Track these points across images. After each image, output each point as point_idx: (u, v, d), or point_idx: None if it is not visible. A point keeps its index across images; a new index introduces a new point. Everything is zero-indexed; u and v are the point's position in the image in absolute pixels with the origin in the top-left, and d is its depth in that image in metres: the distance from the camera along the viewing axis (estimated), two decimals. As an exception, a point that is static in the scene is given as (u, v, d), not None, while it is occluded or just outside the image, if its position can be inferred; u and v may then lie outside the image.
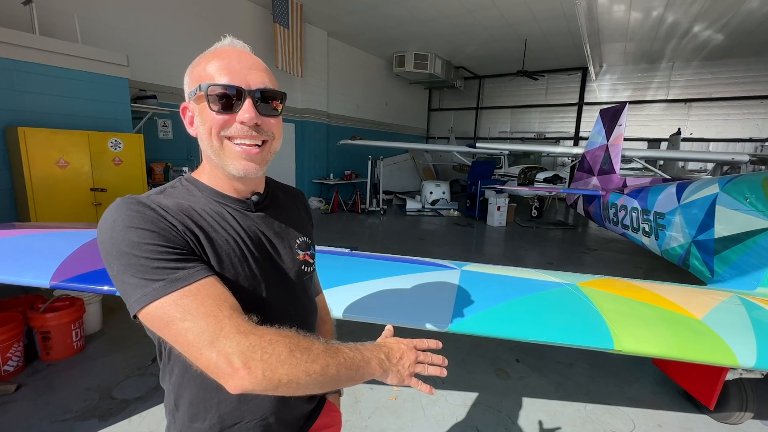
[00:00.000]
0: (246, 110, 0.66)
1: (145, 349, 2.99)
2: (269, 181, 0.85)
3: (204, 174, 0.74)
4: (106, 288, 1.49)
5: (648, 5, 7.92)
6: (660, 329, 1.62)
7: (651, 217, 4.23)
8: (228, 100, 0.65)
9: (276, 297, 0.75)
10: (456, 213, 10.16)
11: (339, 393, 1.04)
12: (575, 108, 13.82)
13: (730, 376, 2.27)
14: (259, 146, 0.69)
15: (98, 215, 4.54)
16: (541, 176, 9.50)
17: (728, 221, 3.09)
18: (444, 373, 0.74)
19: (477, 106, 15.97)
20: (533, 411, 2.45)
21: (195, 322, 0.55)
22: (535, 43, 10.65)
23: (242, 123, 0.66)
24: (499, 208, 8.75)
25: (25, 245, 1.83)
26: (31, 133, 3.89)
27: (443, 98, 16.84)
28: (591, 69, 11.52)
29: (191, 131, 0.73)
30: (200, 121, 0.68)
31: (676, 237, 3.75)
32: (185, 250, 0.61)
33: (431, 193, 10.65)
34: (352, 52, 11.71)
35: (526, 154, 11.19)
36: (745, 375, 2.30)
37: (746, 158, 6.60)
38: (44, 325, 2.72)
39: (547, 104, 14.45)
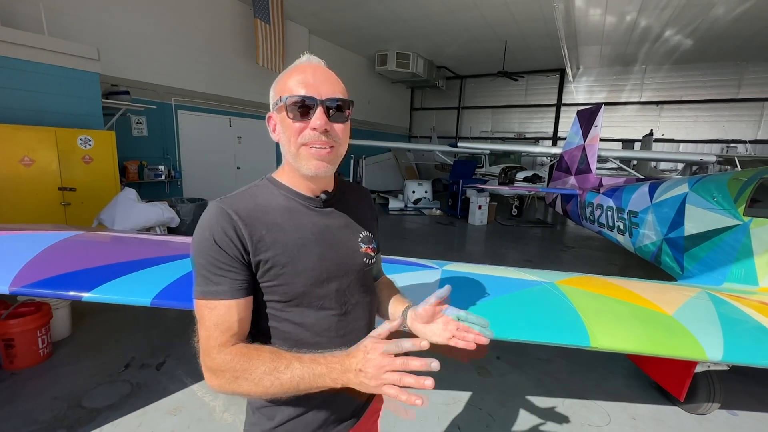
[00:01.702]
0: (318, 117, 0.75)
1: (117, 355, 2.88)
2: (340, 182, 0.95)
3: (284, 174, 0.86)
4: (71, 293, 1.42)
5: (622, 10, 8.16)
6: (634, 326, 1.67)
7: (625, 216, 4.37)
8: (304, 109, 0.75)
9: (337, 284, 0.84)
10: (438, 212, 10.23)
11: None
12: (554, 109, 14.14)
13: (698, 369, 2.36)
14: (328, 149, 0.78)
15: (67, 216, 4.36)
16: (521, 175, 9.67)
17: (697, 219, 3.21)
18: (428, 385, 0.58)
19: (458, 106, 16.13)
20: (513, 407, 2.49)
21: (201, 330, 0.75)
22: (514, 45, 10.83)
23: (314, 129, 0.75)
24: (480, 207, 8.86)
25: (-16, 248, 1.72)
26: (-8, 129, 3.69)
27: (425, 98, 16.92)
28: (568, 71, 11.82)
29: (274, 137, 0.83)
30: (282, 129, 0.79)
31: (649, 235, 3.88)
32: (228, 269, 0.74)
33: (414, 192, 10.69)
34: (334, 50, 11.61)
35: (507, 154, 11.37)
36: (713, 367, 2.39)
37: (713, 159, 6.90)
38: (7, 332, 2.57)
39: (526, 105, 14.73)
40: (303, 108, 0.75)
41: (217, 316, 0.73)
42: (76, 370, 2.68)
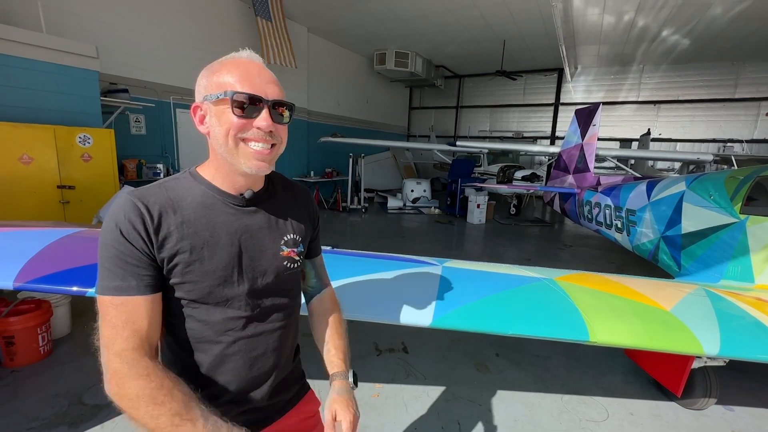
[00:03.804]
0: (264, 118, 0.75)
1: (118, 353, 2.88)
2: (274, 178, 0.92)
3: (207, 169, 0.82)
4: (75, 289, 1.43)
5: (620, 9, 8.19)
6: (632, 321, 1.69)
7: (623, 214, 4.40)
8: (249, 107, 0.74)
9: (248, 285, 0.81)
10: (437, 211, 10.24)
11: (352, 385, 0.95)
12: (552, 108, 14.17)
13: (695, 365, 2.38)
14: (269, 149, 0.77)
15: (66, 214, 4.35)
16: (519, 174, 9.69)
17: (694, 217, 3.24)
18: None
19: (457, 105, 16.14)
20: (512, 403, 2.51)
21: (105, 329, 0.70)
22: (513, 44, 10.85)
23: (259, 128, 0.75)
24: (478, 206, 8.88)
25: (-14, 245, 1.72)
26: (-10, 126, 3.68)
27: (424, 97, 16.93)
28: (566, 70, 11.83)
29: (201, 129, 0.79)
30: (216, 122, 0.75)
31: (647, 233, 3.90)
32: (136, 264, 0.71)
33: (412, 191, 10.70)
34: (333, 49, 11.60)
35: (505, 153, 11.40)
36: (710, 363, 2.42)
37: (710, 158, 6.95)
38: (7, 330, 2.57)
39: (525, 104, 14.76)
40: (250, 106, 0.74)
41: (126, 314, 0.70)
42: (76, 367, 2.69)
